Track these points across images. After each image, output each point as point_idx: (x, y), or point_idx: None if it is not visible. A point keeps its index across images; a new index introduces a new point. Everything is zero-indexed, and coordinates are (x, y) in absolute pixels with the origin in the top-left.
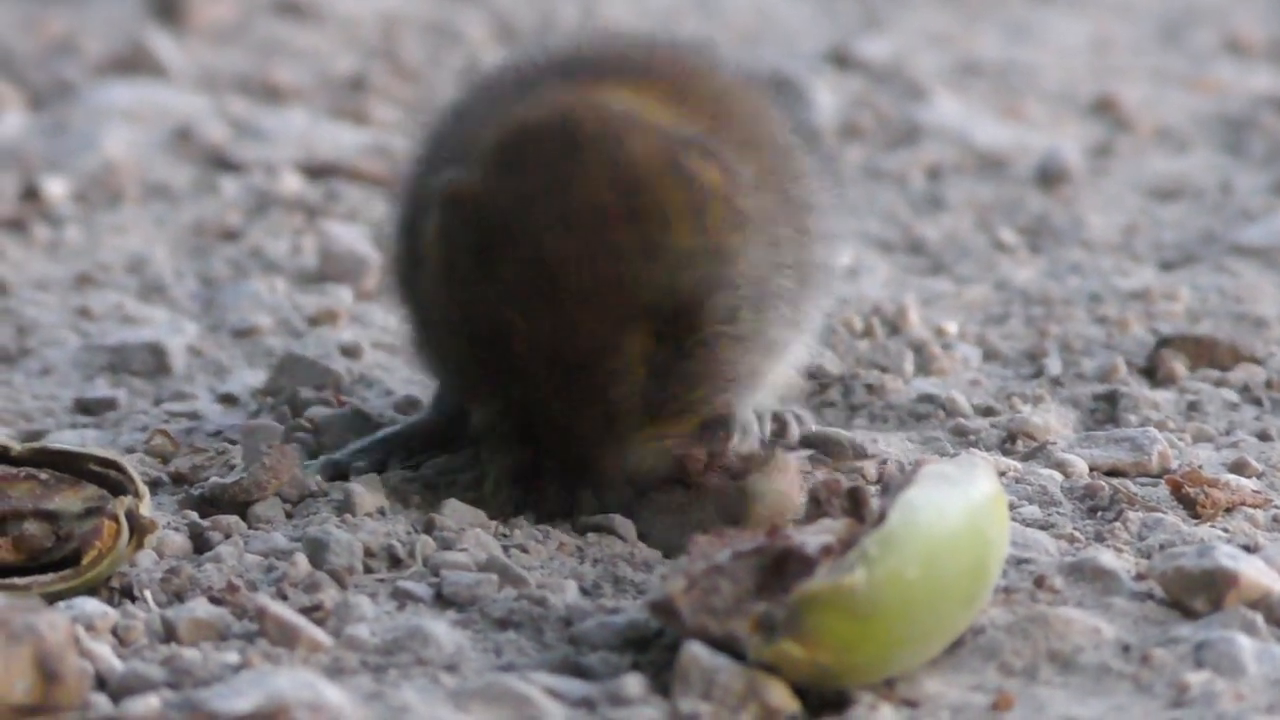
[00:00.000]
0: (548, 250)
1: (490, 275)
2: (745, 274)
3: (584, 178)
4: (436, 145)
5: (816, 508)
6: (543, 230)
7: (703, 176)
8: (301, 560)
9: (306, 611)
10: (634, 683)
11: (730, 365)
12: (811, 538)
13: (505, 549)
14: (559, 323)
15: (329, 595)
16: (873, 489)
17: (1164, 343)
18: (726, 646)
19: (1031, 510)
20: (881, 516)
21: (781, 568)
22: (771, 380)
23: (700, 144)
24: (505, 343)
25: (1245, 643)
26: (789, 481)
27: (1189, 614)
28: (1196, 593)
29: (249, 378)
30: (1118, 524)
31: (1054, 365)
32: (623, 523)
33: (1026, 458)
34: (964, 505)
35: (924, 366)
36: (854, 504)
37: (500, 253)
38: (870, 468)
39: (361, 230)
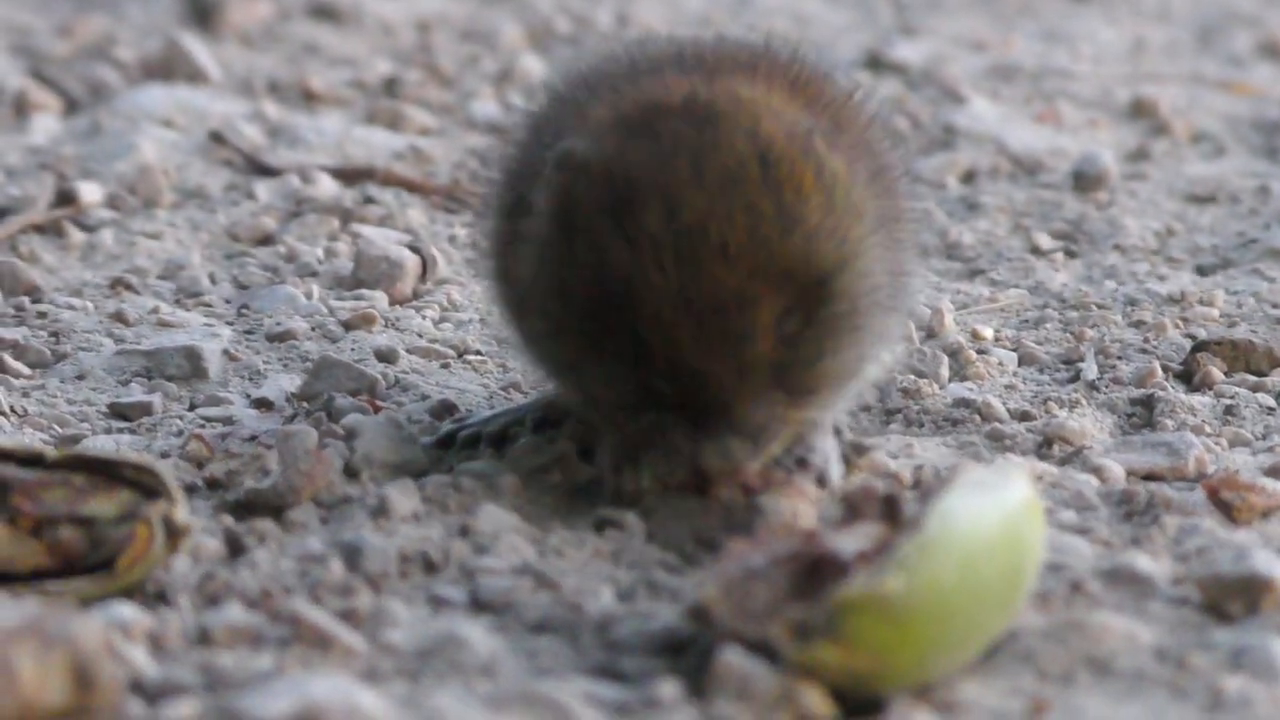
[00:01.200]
0: (687, 207)
1: (623, 233)
2: (864, 267)
3: (721, 144)
4: (540, 129)
5: (852, 513)
6: (681, 189)
7: (831, 163)
8: (336, 565)
9: (341, 616)
10: (669, 687)
11: (850, 350)
12: (847, 543)
13: (540, 553)
14: (698, 275)
15: (364, 600)
16: (909, 494)
17: (1200, 347)
18: (762, 650)
19: (1068, 515)
20: (918, 522)
21: (817, 573)
22: (855, 390)
23: (826, 134)
24: (638, 298)
25: None
26: (802, 505)
27: (1225, 619)
28: (1233, 597)
29: (284, 382)
30: (1154, 529)
31: (1090, 370)
32: (634, 521)
33: (1063, 462)
34: (1000, 511)
35: (960, 371)
36: (889, 510)
37: (635, 211)
38: (906, 473)
39: (397, 234)
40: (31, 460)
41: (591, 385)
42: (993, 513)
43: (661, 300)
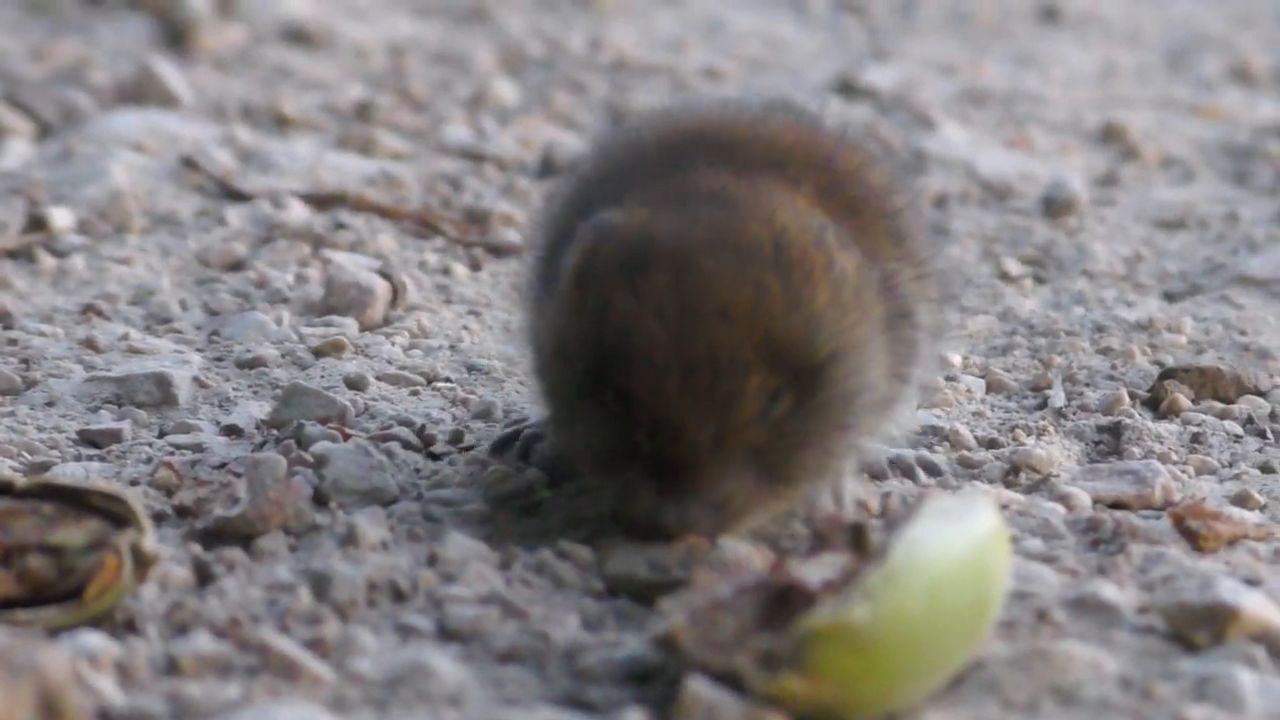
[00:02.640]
0: (696, 270)
1: (630, 286)
2: (861, 363)
3: (739, 223)
4: (582, 192)
5: (819, 542)
6: (694, 254)
7: (841, 259)
8: (304, 594)
9: (309, 645)
10: (636, 717)
11: (834, 445)
12: (814, 572)
13: (507, 581)
14: (694, 330)
15: (332, 629)
16: (876, 523)
17: (1168, 374)
18: (729, 680)
19: (1034, 543)
20: (884, 552)
21: (784, 602)
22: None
23: (841, 234)
24: (632, 346)
25: (1246, 677)
26: (750, 547)
27: (1191, 648)
28: (1198, 626)
29: (254, 409)
30: (1120, 557)
31: (1058, 397)
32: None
33: (1029, 490)
34: (966, 540)
35: (927, 398)
36: (856, 539)
37: (645, 268)
38: (874, 501)
39: (367, 260)
40: (0, 488)
41: (578, 436)
42: (959, 542)
43: (654, 350)
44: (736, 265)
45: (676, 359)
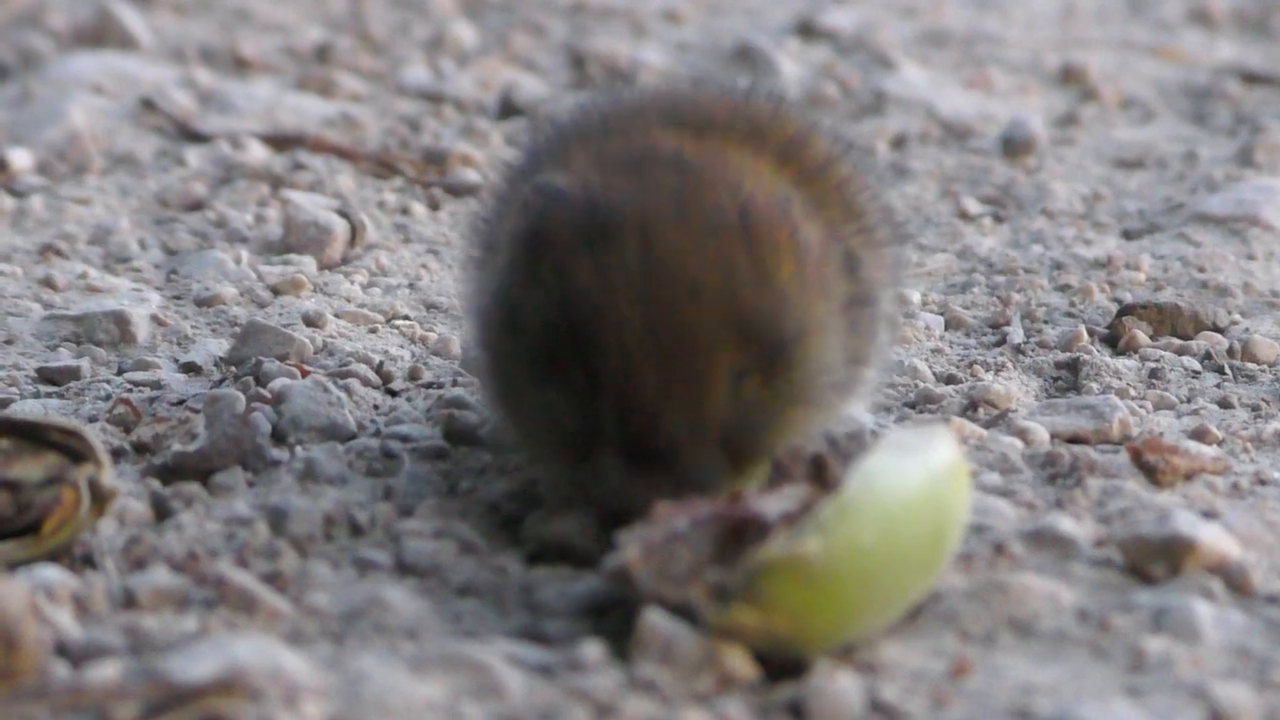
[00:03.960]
0: (665, 245)
1: (595, 261)
2: (825, 343)
3: (704, 195)
4: (518, 176)
5: (779, 474)
6: (662, 226)
7: (805, 232)
8: (262, 528)
9: (266, 579)
10: (593, 650)
11: (799, 423)
12: (772, 505)
13: (463, 516)
14: (666, 312)
15: (289, 563)
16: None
17: (1126, 311)
18: (683, 613)
19: (992, 478)
20: (839, 484)
21: (740, 535)
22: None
23: (805, 206)
24: (601, 327)
25: (1203, 609)
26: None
27: (1147, 580)
28: (1155, 559)
29: (212, 347)
30: (1077, 491)
31: (1016, 333)
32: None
33: (988, 425)
34: (923, 473)
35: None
36: (817, 471)
37: (611, 240)
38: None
39: (326, 200)
40: None
41: (532, 417)
42: (916, 474)
43: (625, 333)
44: (705, 240)
45: (649, 339)
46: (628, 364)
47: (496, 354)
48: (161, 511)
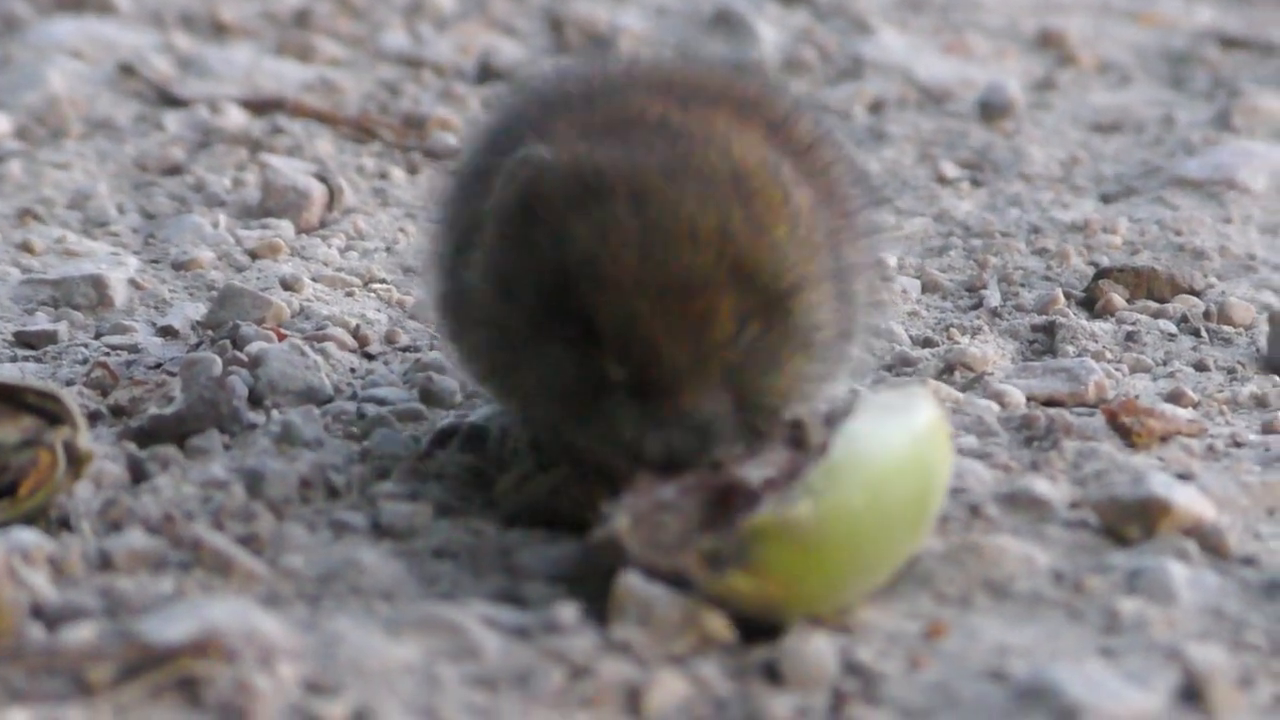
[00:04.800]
0: (658, 199)
1: (589, 219)
2: (819, 301)
3: (694, 157)
4: (494, 145)
5: (759, 440)
6: (653, 185)
7: (797, 194)
8: (238, 491)
9: (242, 541)
10: (569, 611)
11: (802, 371)
12: (754, 471)
13: (439, 479)
14: (664, 255)
15: (265, 525)
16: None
17: (1103, 274)
18: (675, 581)
19: (968, 440)
20: (824, 448)
21: (726, 501)
22: None
23: (794, 169)
24: (599, 277)
25: (1178, 570)
26: None
27: (1122, 542)
28: (1130, 521)
29: (190, 311)
30: (1053, 453)
31: (993, 297)
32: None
33: (964, 388)
34: (907, 434)
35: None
36: (796, 435)
37: (603, 200)
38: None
39: (304, 164)
40: None
41: (536, 381)
42: (899, 436)
43: (623, 278)
44: (699, 192)
45: (649, 281)
46: (629, 304)
47: (490, 328)
48: (138, 474)
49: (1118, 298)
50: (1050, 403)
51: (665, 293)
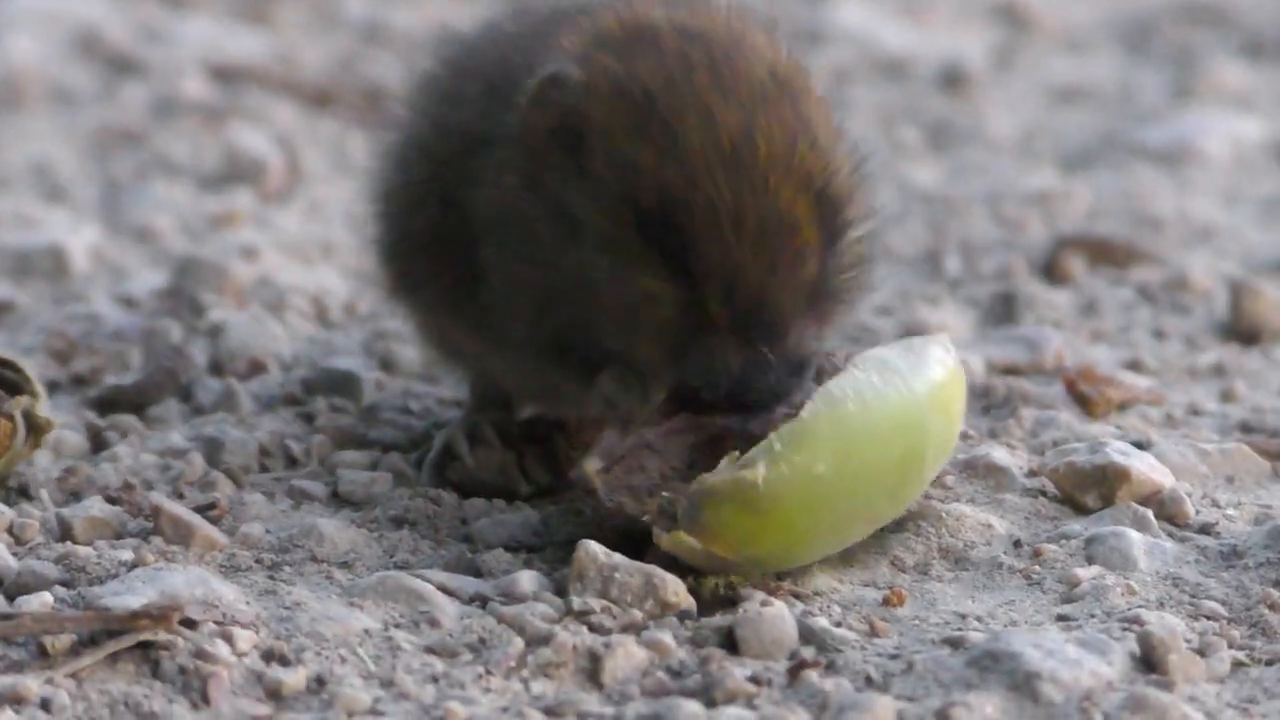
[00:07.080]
0: (723, 122)
1: (657, 150)
2: (863, 199)
3: (733, 59)
4: (485, 72)
5: None
6: (712, 102)
7: (817, 88)
8: (197, 459)
9: (201, 510)
10: (527, 579)
11: (863, 281)
12: (759, 421)
13: (398, 447)
14: (752, 192)
15: (224, 493)
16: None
17: (1062, 243)
18: (635, 525)
19: None
20: (800, 406)
21: (716, 448)
22: None
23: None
24: (689, 215)
25: (1136, 538)
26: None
27: (1080, 510)
28: (1088, 489)
29: (149, 280)
30: (1011, 421)
31: (953, 265)
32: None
33: None
34: (901, 396)
35: None
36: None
37: (670, 126)
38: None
39: (265, 133)
40: None
41: (619, 319)
42: (892, 397)
43: (720, 218)
44: (757, 109)
45: (746, 219)
46: (731, 248)
47: (544, 264)
48: (97, 443)
49: (1078, 266)
50: (1009, 371)
51: (763, 232)
